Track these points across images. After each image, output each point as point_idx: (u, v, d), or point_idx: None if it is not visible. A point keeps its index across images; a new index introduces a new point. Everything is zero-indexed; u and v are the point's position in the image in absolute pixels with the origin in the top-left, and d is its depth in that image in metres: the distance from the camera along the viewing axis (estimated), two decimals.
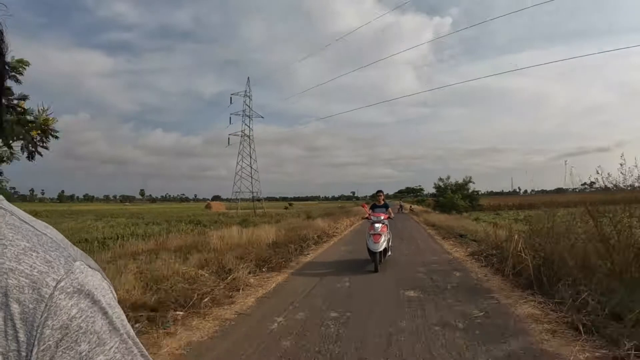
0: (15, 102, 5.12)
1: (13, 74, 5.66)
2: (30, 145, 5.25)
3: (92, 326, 0.39)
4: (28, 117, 4.91)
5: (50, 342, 0.37)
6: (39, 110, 5.97)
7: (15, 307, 0.37)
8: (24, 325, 0.37)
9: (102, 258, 7.07)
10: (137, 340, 0.44)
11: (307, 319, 3.87)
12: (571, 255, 4.85)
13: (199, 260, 6.57)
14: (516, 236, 5.41)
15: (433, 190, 40.56)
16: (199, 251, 7.99)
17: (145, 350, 0.44)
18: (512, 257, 5.20)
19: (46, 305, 0.37)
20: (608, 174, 5.35)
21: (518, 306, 4.14)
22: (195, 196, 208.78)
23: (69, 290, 0.39)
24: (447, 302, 4.38)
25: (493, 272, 5.85)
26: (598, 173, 5.46)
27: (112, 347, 0.40)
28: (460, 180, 35.61)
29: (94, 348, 0.39)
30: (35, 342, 0.37)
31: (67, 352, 0.37)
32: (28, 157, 5.99)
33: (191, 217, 31.17)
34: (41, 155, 5.82)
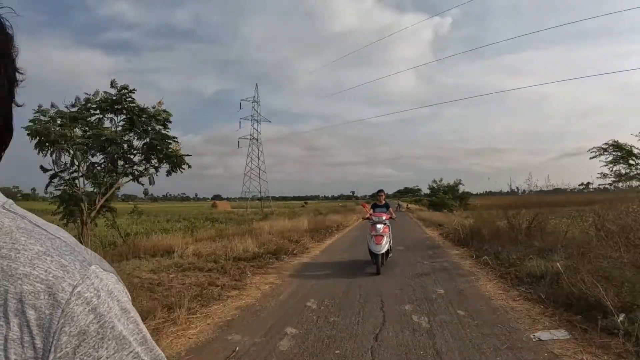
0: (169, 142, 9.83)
1: (166, 123, 10.59)
2: (173, 167, 10.04)
3: (110, 332, 0.39)
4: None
5: (67, 349, 0.36)
6: (174, 147, 10.85)
7: (31, 314, 0.36)
8: (40, 331, 0.36)
9: (196, 237, 11.18)
10: (153, 342, 0.44)
11: (348, 259, 8.13)
12: (487, 230, 9.14)
13: (270, 237, 10.78)
14: (456, 221, 9.75)
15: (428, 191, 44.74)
16: (260, 234, 12.16)
17: (160, 352, 0.44)
18: (455, 231, 9.53)
19: (63, 311, 0.37)
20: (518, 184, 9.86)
21: (452, 251, 8.46)
22: (196, 195, 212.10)
23: (85, 295, 0.38)
24: (417, 250, 8.69)
25: (448, 241, 10.18)
26: (508, 184, 9.93)
27: (130, 352, 0.40)
28: (452, 182, 39.87)
29: (113, 354, 0.39)
30: (52, 349, 0.36)
31: (85, 358, 0.37)
32: (167, 174, 11.11)
33: (205, 215, 32.86)
34: (178, 172, 10.61)
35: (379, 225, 6.44)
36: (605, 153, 11.28)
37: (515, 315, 3.88)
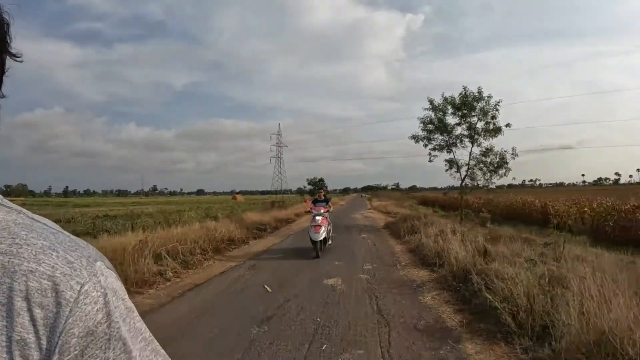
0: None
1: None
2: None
3: (117, 332, 0.38)
4: None
5: (76, 352, 0.35)
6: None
7: (37, 312, 0.35)
8: (46, 331, 0.35)
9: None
10: (156, 342, 0.43)
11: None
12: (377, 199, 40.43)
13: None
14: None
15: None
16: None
17: (162, 349, 0.43)
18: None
19: (71, 310, 0.35)
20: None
21: (371, 202, 39.87)
22: (181, 190, 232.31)
23: (93, 294, 0.37)
24: (356, 200, 40.24)
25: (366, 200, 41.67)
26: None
27: (137, 354, 0.39)
28: (383, 184, 73.83)
29: (119, 355, 0.37)
30: (56, 350, 0.35)
31: None
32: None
33: (246, 204, 38.49)
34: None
35: (317, 217, 7.47)
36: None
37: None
